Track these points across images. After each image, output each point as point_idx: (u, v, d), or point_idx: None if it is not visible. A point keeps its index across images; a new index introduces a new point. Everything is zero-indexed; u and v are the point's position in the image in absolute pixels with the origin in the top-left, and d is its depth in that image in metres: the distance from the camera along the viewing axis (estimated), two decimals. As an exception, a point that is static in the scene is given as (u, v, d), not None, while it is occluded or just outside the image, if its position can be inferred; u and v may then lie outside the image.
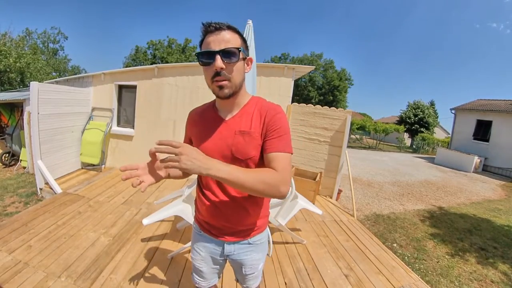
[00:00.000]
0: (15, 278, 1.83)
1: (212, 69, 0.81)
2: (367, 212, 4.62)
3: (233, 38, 0.83)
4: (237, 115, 0.92)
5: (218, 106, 0.96)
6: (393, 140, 20.34)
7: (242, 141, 0.87)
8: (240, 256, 1.03)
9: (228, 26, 0.83)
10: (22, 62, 12.17)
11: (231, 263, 1.09)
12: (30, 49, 17.84)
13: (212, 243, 1.03)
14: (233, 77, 0.84)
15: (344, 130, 4.19)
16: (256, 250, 1.05)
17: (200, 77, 4.54)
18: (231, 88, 0.85)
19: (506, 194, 7.29)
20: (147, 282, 1.96)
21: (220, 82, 0.83)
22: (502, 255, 3.42)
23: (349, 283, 2.18)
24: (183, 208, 2.28)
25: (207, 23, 0.82)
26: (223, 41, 0.80)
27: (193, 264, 1.10)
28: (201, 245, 1.06)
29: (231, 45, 0.81)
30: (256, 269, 1.08)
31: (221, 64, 0.80)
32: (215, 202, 0.94)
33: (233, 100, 0.91)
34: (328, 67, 29.38)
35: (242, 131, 0.88)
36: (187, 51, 27.67)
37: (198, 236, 1.06)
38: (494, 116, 11.77)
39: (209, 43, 0.81)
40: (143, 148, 4.78)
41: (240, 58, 0.84)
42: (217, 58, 0.79)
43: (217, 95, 0.87)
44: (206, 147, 0.90)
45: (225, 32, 0.82)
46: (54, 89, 3.98)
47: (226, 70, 0.82)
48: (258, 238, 1.04)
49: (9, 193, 3.85)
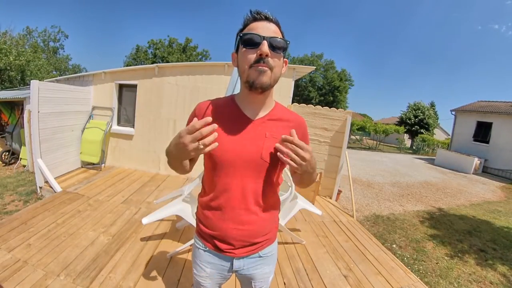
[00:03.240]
0: (14, 277, 1.83)
1: (256, 53, 0.74)
2: (367, 212, 4.62)
3: (279, 32, 0.79)
4: (265, 117, 0.86)
5: (243, 103, 0.86)
6: (393, 141, 20.36)
7: (273, 146, 0.80)
8: (250, 270, 0.95)
9: (276, 21, 0.79)
10: (21, 59, 12.16)
11: (239, 277, 1.01)
12: (30, 48, 17.83)
13: (219, 259, 0.92)
14: (275, 68, 0.77)
15: (344, 131, 4.19)
16: (266, 263, 0.97)
17: (201, 76, 4.54)
18: (270, 79, 0.77)
19: (505, 195, 7.29)
20: (146, 281, 1.96)
21: (263, 67, 0.75)
22: (501, 256, 3.41)
23: (348, 283, 2.18)
24: (182, 207, 2.28)
25: (255, 10, 0.78)
26: (271, 30, 0.76)
27: (196, 279, 0.99)
28: (206, 262, 0.94)
29: (279, 36, 0.77)
30: (266, 283, 1.01)
31: (267, 50, 0.73)
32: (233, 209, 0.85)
33: (263, 98, 0.84)
34: (328, 67, 29.39)
35: (274, 135, 0.83)
36: (188, 51, 27.65)
37: (203, 253, 0.94)
38: (494, 117, 11.77)
39: (256, 28, 0.76)
40: (143, 147, 4.79)
41: (284, 53, 0.80)
42: (264, 43, 0.73)
43: (253, 81, 0.76)
44: (230, 148, 0.81)
45: (273, 25, 0.78)
46: (54, 87, 3.98)
47: (270, 59, 0.75)
48: (269, 250, 0.97)
49: (9, 192, 3.85)
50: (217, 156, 0.82)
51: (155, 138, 4.73)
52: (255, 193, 0.85)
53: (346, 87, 29.66)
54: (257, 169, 0.84)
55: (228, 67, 4.41)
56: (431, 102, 25.55)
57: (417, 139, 18.89)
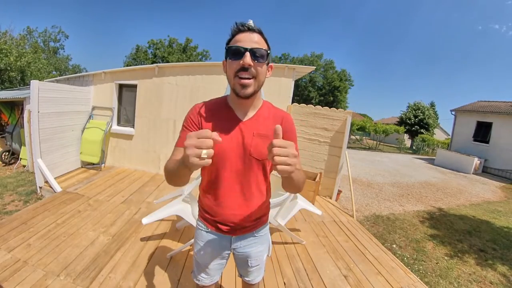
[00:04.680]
0: (14, 277, 1.83)
1: (239, 63, 0.85)
2: (367, 212, 4.62)
3: (261, 42, 0.88)
4: (253, 118, 0.97)
5: (234, 105, 0.97)
6: (393, 141, 20.36)
7: (260, 143, 0.94)
8: (246, 248, 1.08)
9: (259, 30, 0.89)
10: (22, 61, 12.16)
11: (236, 257, 1.13)
12: (31, 48, 17.84)
13: (219, 238, 1.06)
14: (258, 76, 0.88)
15: (344, 131, 4.19)
16: (260, 242, 1.11)
17: (201, 76, 4.54)
18: (254, 87, 0.88)
19: (505, 195, 7.29)
20: (146, 281, 1.96)
21: (245, 80, 0.85)
22: (501, 256, 3.42)
23: (348, 283, 2.18)
24: (182, 207, 2.28)
25: (240, 22, 0.88)
26: (253, 41, 0.86)
27: (197, 261, 1.12)
28: (207, 241, 1.07)
29: (260, 47, 0.86)
30: (261, 261, 1.14)
31: (250, 61, 0.84)
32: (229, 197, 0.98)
33: (250, 101, 0.95)
34: (328, 67, 29.40)
35: (260, 133, 0.95)
36: (188, 51, 27.67)
37: (204, 233, 1.08)
38: (494, 117, 11.77)
39: (239, 41, 0.86)
40: (143, 147, 4.79)
41: (266, 61, 0.89)
42: (246, 54, 0.83)
43: (238, 92, 0.88)
44: (223, 146, 0.91)
45: (256, 34, 0.87)
46: (54, 87, 3.98)
47: (253, 68, 0.85)
48: (262, 230, 1.12)
49: (9, 191, 3.85)
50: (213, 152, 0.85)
51: (155, 138, 4.73)
52: (248, 183, 0.98)
53: (346, 87, 29.67)
54: (248, 163, 0.95)
55: (228, 67, 4.40)
56: (431, 102, 25.59)
57: (417, 139, 18.88)
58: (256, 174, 0.98)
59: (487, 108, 12.58)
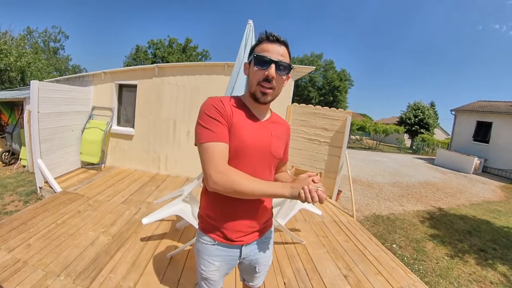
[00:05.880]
0: (14, 277, 1.83)
1: (263, 73, 0.89)
2: (367, 212, 4.62)
3: (286, 54, 0.92)
4: (269, 120, 1.02)
5: (251, 106, 0.99)
6: (393, 141, 20.34)
7: (277, 143, 1.01)
8: (255, 256, 1.06)
9: (285, 43, 0.93)
10: (22, 61, 12.16)
11: (243, 265, 1.09)
12: (31, 48, 17.83)
13: (228, 249, 0.99)
14: (277, 87, 0.93)
15: (344, 131, 4.19)
16: (267, 247, 1.09)
17: (201, 76, 4.54)
18: (272, 96, 0.94)
19: (505, 195, 7.29)
20: (146, 281, 1.96)
21: (266, 90, 0.90)
22: (501, 256, 3.42)
23: (348, 283, 2.18)
24: (182, 207, 2.28)
25: (269, 32, 0.92)
26: (279, 54, 0.90)
27: (202, 275, 1.03)
28: (215, 256, 1.00)
29: (285, 60, 0.91)
30: (267, 266, 1.13)
31: (274, 73, 0.88)
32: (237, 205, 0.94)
33: (266, 107, 1.01)
34: (328, 67, 29.39)
35: (277, 135, 1.01)
36: (188, 51, 27.66)
37: (211, 247, 0.99)
38: (494, 117, 11.77)
39: (267, 51, 0.89)
40: (143, 147, 4.79)
41: (288, 73, 0.95)
42: (272, 66, 0.88)
43: (258, 98, 0.93)
44: (247, 141, 0.91)
45: (283, 48, 0.91)
46: (54, 88, 3.98)
47: (274, 80, 0.90)
48: (269, 234, 1.11)
49: (9, 192, 3.85)
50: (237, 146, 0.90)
51: (155, 138, 4.73)
52: None
53: (346, 87, 29.66)
54: (266, 162, 0.98)
55: (228, 67, 4.41)
56: (431, 102, 25.61)
57: (417, 139, 18.88)
58: (270, 173, 1.01)
59: (487, 108, 12.58)
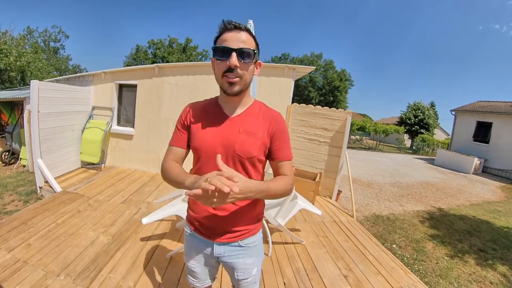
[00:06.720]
0: (14, 277, 1.83)
1: (225, 64, 0.84)
2: (367, 213, 4.62)
3: (249, 40, 0.86)
4: (242, 114, 0.95)
5: (223, 103, 0.97)
6: (393, 141, 20.35)
7: (246, 140, 0.91)
8: (232, 259, 1.01)
9: (246, 28, 0.87)
10: (22, 61, 12.16)
11: (224, 266, 1.07)
12: (31, 48, 17.83)
13: (202, 243, 1.01)
14: (244, 75, 0.87)
15: (344, 131, 4.18)
16: (248, 254, 1.02)
17: (200, 76, 4.54)
18: (240, 86, 0.87)
19: (505, 195, 7.29)
20: (146, 281, 1.96)
21: (232, 79, 0.85)
22: (501, 256, 3.41)
23: (348, 283, 2.18)
24: (182, 207, 2.27)
25: (227, 21, 0.85)
26: (240, 40, 0.84)
27: (187, 266, 1.09)
28: (192, 245, 1.05)
29: (247, 46, 0.84)
30: (249, 275, 1.04)
31: (236, 62, 0.83)
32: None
33: (239, 99, 0.94)
34: (328, 67, 29.41)
35: (247, 130, 0.92)
36: (188, 51, 27.67)
37: (189, 237, 1.05)
38: (494, 117, 11.77)
39: (226, 40, 0.84)
40: (143, 147, 4.79)
41: (253, 60, 0.88)
42: (232, 55, 0.82)
43: (225, 90, 0.88)
44: (208, 141, 0.91)
45: (243, 33, 0.85)
46: (54, 87, 3.99)
47: (239, 69, 0.84)
48: (251, 241, 1.01)
49: (9, 191, 3.85)
50: (198, 147, 0.93)
51: (155, 138, 4.73)
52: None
53: (346, 87, 29.69)
54: (232, 161, 0.91)
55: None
56: (431, 102, 25.59)
57: (417, 139, 18.89)
58: (245, 174, 0.91)
59: (487, 108, 12.58)
